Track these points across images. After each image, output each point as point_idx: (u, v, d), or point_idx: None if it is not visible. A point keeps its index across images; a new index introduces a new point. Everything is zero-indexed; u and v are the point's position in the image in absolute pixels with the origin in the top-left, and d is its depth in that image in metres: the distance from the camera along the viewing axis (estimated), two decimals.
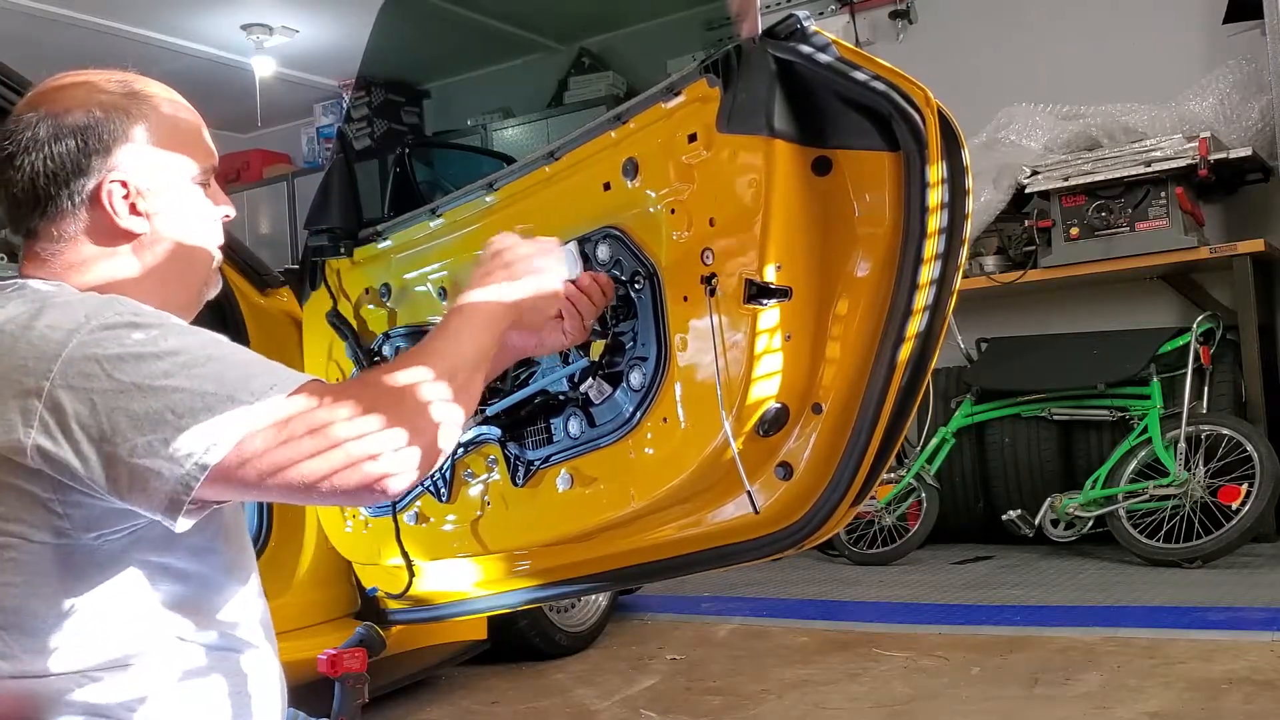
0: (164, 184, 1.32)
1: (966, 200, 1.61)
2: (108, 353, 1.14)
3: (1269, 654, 3.09)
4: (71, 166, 1.27)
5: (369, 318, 2.48)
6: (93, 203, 1.29)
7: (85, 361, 1.13)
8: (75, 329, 1.15)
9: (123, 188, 1.29)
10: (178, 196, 1.34)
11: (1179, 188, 4.78)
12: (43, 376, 1.14)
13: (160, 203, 1.32)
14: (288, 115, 8.29)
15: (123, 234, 1.31)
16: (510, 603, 2.36)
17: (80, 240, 1.30)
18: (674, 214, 1.78)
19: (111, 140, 1.29)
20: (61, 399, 1.13)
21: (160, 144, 1.32)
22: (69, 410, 1.12)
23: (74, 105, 1.29)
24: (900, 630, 3.77)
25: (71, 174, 1.28)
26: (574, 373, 2.00)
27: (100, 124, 1.29)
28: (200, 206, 1.37)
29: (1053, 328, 5.26)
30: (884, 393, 1.64)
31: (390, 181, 2.69)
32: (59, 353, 1.14)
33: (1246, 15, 4.91)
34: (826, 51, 1.62)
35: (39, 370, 1.14)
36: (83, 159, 1.28)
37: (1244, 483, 4.24)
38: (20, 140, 1.28)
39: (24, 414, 1.13)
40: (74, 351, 1.14)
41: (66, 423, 1.12)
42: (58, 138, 1.27)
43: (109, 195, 1.29)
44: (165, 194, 1.32)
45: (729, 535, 1.88)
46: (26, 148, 1.27)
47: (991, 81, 5.55)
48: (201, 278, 1.40)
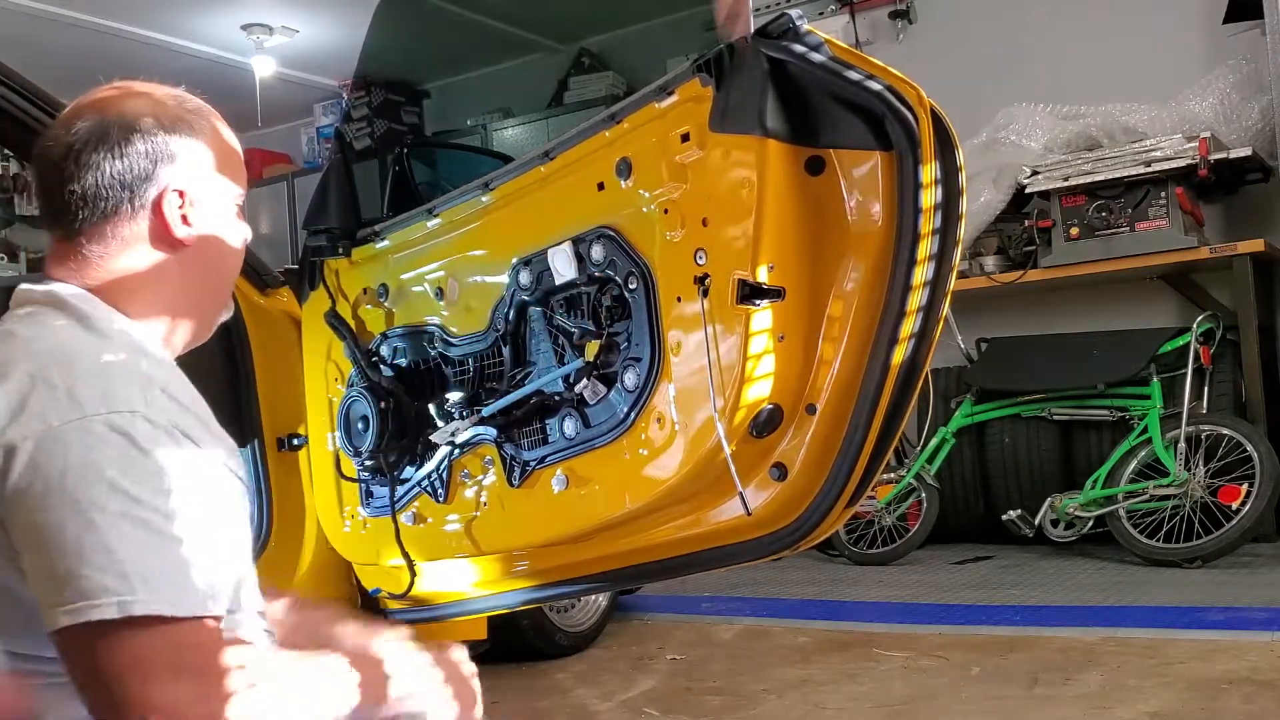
0: (212, 200, 1.36)
1: (960, 201, 1.61)
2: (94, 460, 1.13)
3: (1269, 654, 3.09)
4: (139, 171, 1.29)
5: (367, 318, 2.49)
6: (153, 209, 1.31)
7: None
8: (87, 414, 1.14)
9: (179, 198, 1.32)
10: (222, 214, 1.37)
11: (1179, 188, 4.77)
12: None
13: (207, 218, 1.35)
14: (288, 115, 8.29)
15: (172, 242, 1.33)
16: (509, 603, 2.36)
17: (131, 244, 1.31)
18: (667, 214, 1.78)
19: (176, 150, 1.31)
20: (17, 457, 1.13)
21: (213, 162, 1.36)
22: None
23: (141, 113, 1.31)
24: (900, 630, 3.77)
25: (138, 178, 1.29)
26: (569, 373, 2.01)
27: (166, 133, 1.31)
28: (237, 227, 1.41)
29: (1053, 328, 5.25)
30: (878, 393, 1.64)
31: (389, 181, 2.69)
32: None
33: (1246, 15, 4.90)
34: (819, 51, 1.62)
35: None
36: (149, 165, 1.30)
37: (1244, 483, 4.23)
38: (85, 138, 1.29)
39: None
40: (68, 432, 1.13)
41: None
42: (128, 141, 1.29)
43: (169, 204, 1.31)
44: (212, 210, 1.36)
45: (726, 536, 1.88)
46: (94, 146, 1.28)
47: (991, 81, 5.54)
48: (225, 296, 1.44)
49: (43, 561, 1.11)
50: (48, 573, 1.10)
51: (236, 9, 6.70)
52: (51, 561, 1.10)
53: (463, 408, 2.25)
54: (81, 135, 1.29)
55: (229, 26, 6.93)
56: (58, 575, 1.09)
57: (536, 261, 2.08)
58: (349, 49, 6.91)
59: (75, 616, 1.08)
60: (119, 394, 1.16)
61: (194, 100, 1.38)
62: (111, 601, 1.08)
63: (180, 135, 1.32)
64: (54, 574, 1.10)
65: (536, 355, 2.13)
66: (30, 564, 1.12)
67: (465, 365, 2.29)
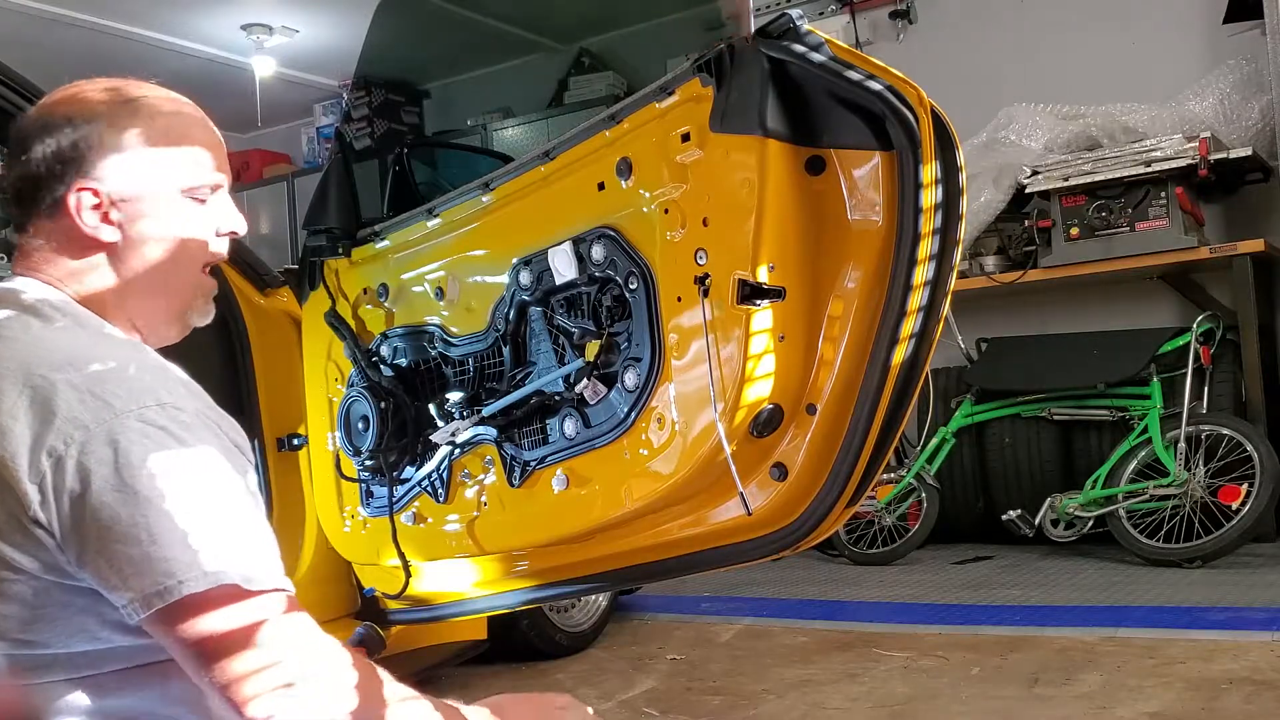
0: (145, 195, 1.31)
1: (961, 200, 1.61)
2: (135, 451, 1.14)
3: (1269, 654, 3.09)
4: (45, 172, 1.28)
5: (367, 318, 2.49)
6: (63, 209, 1.29)
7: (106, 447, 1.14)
8: (121, 412, 1.15)
9: (94, 196, 1.28)
10: (161, 209, 1.32)
11: (1179, 188, 4.77)
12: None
13: (139, 213, 1.31)
14: (288, 115, 8.29)
15: (93, 242, 1.30)
16: (509, 603, 2.36)
17: (55, 244, 1.31)
18: (668, 214, 1.78)
19: (86, 149, 1.28)
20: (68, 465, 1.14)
21: (145, 154, 1.31)
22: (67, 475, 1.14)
23: (57, 112, 1.30)
24: (900, 630, 3.77)
25: (45, 179, 1.29)
26: (569, 373, 2.01)
27: (77, 131, 1.29)
28: (188, 220, 1.34)
29: (1053, 328, 5.25)
30: (879, 393, 1.64)
31: (389, 181, 2.69)
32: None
33: (1246, 15, 4.90)
34: (820, 50, 1.62)
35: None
36: (56, 165, 1.28)
37: (1244, 483, 4.23)
38: (12, 140, 1.31)
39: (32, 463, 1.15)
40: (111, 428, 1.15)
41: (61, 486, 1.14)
42: (41, 143, 1.29)
43: (77, 203, 1.28)
44: (146, 205, 1.31)
45: (726, 536, 1.88)
46: (17, 144, 1.30)
47: (991, 81, 5.54)
48: (184, 298, 1.37)
49: (117, 556, 1.12)
50: (125, 566, 1.12)
51: (236, 9, 6.70)
52: (127, 553, 1.12)
53: (463, 408, 2.25)
54: (13, 134, 1.31)
55: (229, 26, 6.92)
56: (137, 564, 1.11)
57: (537, 261, 2.08)
58: (349, 49, 6.90)
59: (166, 597, 1.11)
60: (144, 389, 1.18)
61: (137, 88, 1.34)
62: (198, 574, 1.11)
63: (97, 131, 1.28)
64: (133, 564, 1.12)
65: (537, 355, 2.13)
66: (102, 566, 1.13)
67: (465, 365, 2.29)
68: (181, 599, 1.11)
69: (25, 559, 1.17)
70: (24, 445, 1.16)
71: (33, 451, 1.15)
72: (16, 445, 1.16)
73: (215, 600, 1.12)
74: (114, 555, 1.12)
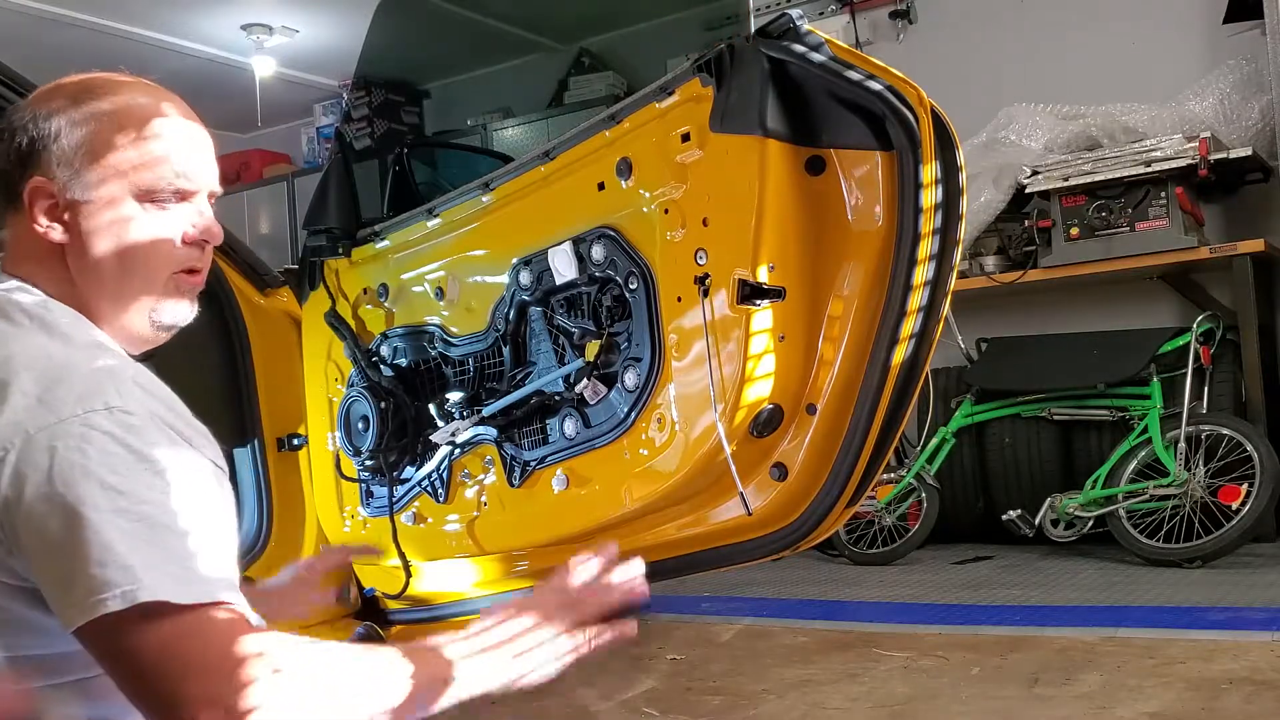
0: (95, 197, 1.27)
1: (961, 200, 1.61)
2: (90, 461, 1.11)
3: (1269, 654, 3.08)
4: (9, 166, 1.27)
5: (367, 317, 2.49)
6: (21, 205, 1.27)
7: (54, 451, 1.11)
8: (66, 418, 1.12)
9: (47, 196, 1.26)
10: (112, 212, 1.27)
11: (1179, 188, 4.76)
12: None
13: (91, 214, 1.27)
14: (288, 115, 8.29)
15: (45, 241, 1.27)
16: None
17: (21, 240, 1.29)
18: (668, 214, 1.78)
19: (43, 144, 1.26)
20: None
21: (97, 154, 1.27)
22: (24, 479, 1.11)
23: (25, 106, 1.29)
24: (900, 630, 3.76)
25: (9, 173, 1.27)
26: (569, 373, 2.01)
27: (37, 126, 1.27)
28: (144, 226, 1.28)
29: (1053, 328, 5.25)
30: (879, 393, 1.64)
31: (389, 181, 2.69)
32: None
33: (1246, 15, 4.90)
34: (820, 51, 1.62)
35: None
36: (15, 157, 1.26)
37: (1244, 483, 4.23)
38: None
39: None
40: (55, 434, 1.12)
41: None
42: (9, 136, 1.27)
43: (30, 199, 1.26)
44: (95, 207, 1.27)
45: (726, 536, 1.88)
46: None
47: (991, 81, 5.54)
48: (145, 302, 1.31)
49: (47, 566, 1.10)
50: (54, 576, 1.10)
51: (236, 9, 6.70)
52: (56, 565, 1.09)
53: (463, 408, 2.25)
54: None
55: (229, 26, 6.92)
56: (64, 577, 1.08)
57: (537, 261, 2.08)
58: (349, 49, 6.90)
59: (87, 613, 1.07)
60: (91, 392, 1.14)
61: (106, 84, 1.30)
62: (116, 593, 1.05)
63: (56, 127, 1.26)
64: (60, 576, 1.09)
65: (537, 355, 2.13)
66: (36, 571, 1.11)
67: (465, 365, 2.29)
68: (102, 616, 1.06)
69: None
70: None
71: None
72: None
73: (143, 617, 1.06)
74: (43, 567, 1.10)
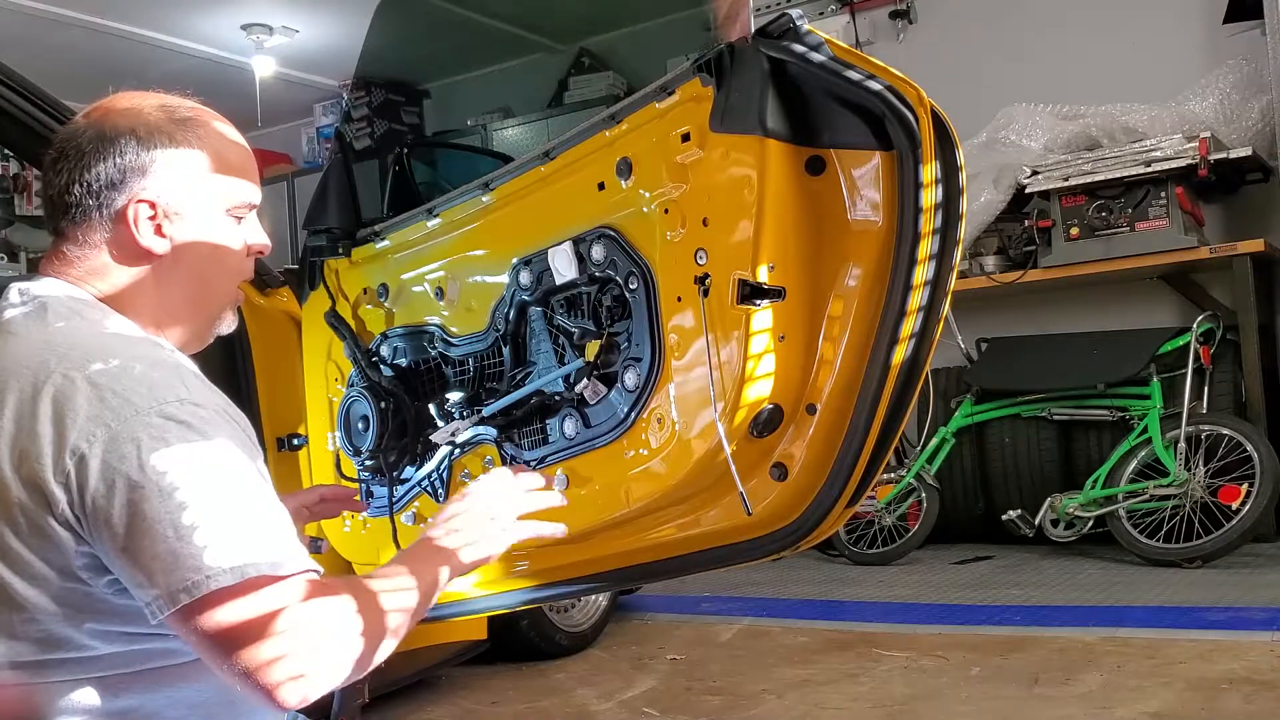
0: (194, 211, 1.37)
1: (961, 200, 1.61)
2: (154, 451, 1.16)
3: (1269, 654, 3.09)
4: (105, 181, 1.33)
5: (367, 318, 2.49)
6: (119, 218, 1.34)
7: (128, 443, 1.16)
8: (138, 411, 1.18)
9: (150, 209, 1.34)
10: (206, 225, 1.38)
11: (1179, 188, 4.77)
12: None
13: (187, 228, 1.37)
14: (288, 115, 8.29)
15: (144, 252, 1.35)
16: (510, 603, 2.35)
17: (102, 250, 1.35)
18: (667, 214, 1.78)
19: (148, 162, 1.34)
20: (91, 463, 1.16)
21: (198, 172, 1.37)
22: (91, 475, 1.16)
23: (120, 124, 1.35)
24: (900, 630, 3.77)
25: (105, 187, 1.33)
26: (569, 373, 2.01)
27: (140, 145, 1.34)
28: (229, 238, 1.41)
29: (1053, 328, 5.25)
30: (879, 393, 1.63)
31: (389, 181, 2.69)
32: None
33: (1246, 15, 4.90)
34: (819, 50, 1.62)
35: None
36: (116, 175, 1.33)
37: (1244, 483, 4.24)
38: (65, 148, 1.35)
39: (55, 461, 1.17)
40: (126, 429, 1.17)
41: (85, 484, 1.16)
42: (98, 152, 1.33)
43: (135, 214, 1.34)
44: (194, 220, 1.37)
45: (726, 536, 1.88)
46: (69, 155, 1.34)
47: (991, 81, 5.54)
48: (216, 308, 1.44)
49: (142, 553, 1.14)
50: (152, 562, 1.14)
51: (236, 9, 6.70)
52: (153, 550, 1.13)
53: (463, 408, 2.25)
54: (65, 142, 1.35)
55: (229, 26, 6.92)
56: (163, 560, 1.13)
57: (537, 261, 2.08)
58: (349, 49, 6.90)
59: (194, 592, 1.13)
60: (162, 385, 1.20)
61: (189, 109, 1.40)
62: (224, 569, 1.13)
63: (159, 148, 1.34)
64: (159, 560, 1.13)
65: (537, 355, 2.13)
66: (128, 562, 1.15)
67: (465, 365, 2.28)
68: (207, 594, 1.13)
69: (39, 563, 1.18)
70: (48, 444, 1.17)
71: (56, 450, 1.17)
72: (41, 445, 1.18)
73: (241, 591, 1.13)
74: (139, 553, 1.14)
